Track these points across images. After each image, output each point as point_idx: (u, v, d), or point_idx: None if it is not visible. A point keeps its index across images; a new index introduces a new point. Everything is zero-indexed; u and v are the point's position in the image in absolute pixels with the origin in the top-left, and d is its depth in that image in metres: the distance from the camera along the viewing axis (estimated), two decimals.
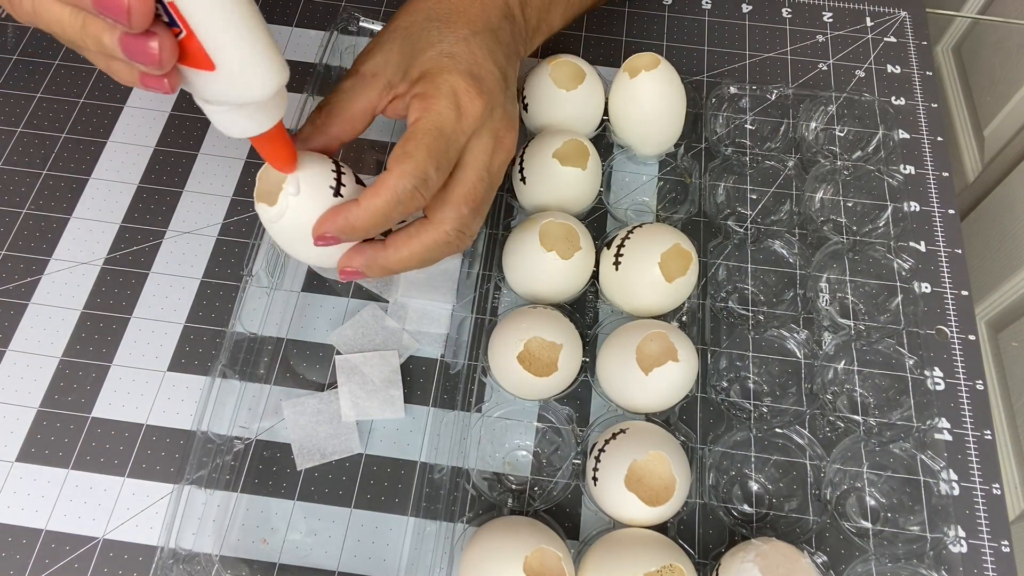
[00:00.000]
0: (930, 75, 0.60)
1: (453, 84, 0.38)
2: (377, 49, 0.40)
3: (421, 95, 0.38)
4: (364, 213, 0.36)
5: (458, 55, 0.40)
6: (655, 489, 0.42)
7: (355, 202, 0.37)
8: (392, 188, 0.36)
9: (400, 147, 0.37)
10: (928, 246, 0.53)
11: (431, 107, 0.38)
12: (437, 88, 0.38)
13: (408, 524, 0.43)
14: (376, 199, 0.36)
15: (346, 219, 0.37)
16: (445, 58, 0.39)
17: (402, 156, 0.36)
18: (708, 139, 0.55)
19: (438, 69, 0.39)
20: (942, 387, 0.48)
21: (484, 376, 0.47)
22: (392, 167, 0.36)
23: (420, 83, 0.39)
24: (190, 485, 0.41)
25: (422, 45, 0.40)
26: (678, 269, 0.45)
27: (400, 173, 0.36)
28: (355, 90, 0.40)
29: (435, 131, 0.37)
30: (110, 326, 0.48)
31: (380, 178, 0.37)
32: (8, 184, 0.53)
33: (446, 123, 0.38)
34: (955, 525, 0.43)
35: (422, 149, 0.37)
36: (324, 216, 0.37)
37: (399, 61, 0.40)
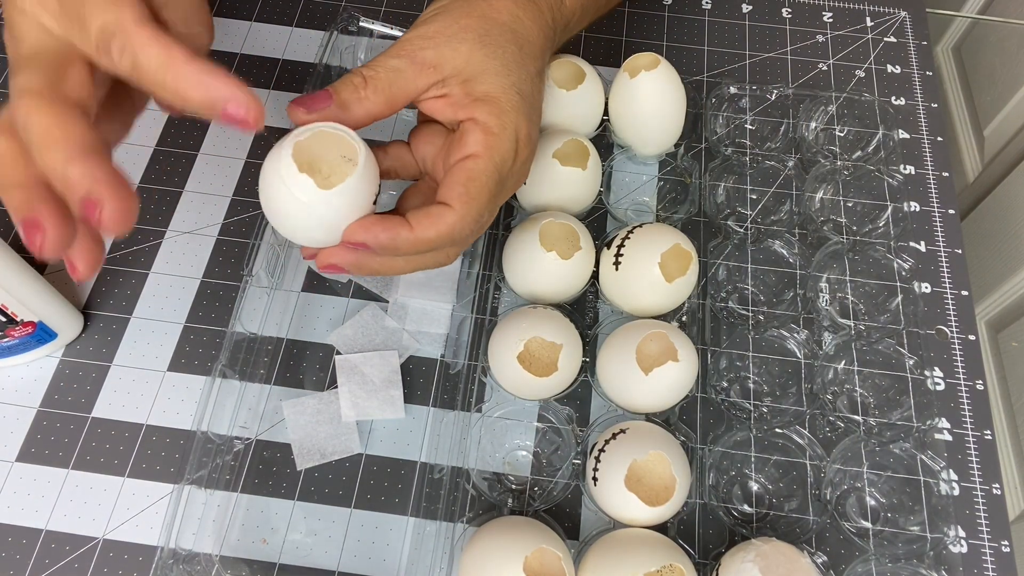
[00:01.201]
0: (930, 75, 0.60)
1: (517, 127, 0.37)
2: (443, 41, 0.38)
3: (485, 127, 0.37)
4: (415, 241, 0.35)
5: (526, 95, 0.38)
6: (655, 489, 0.42)
7: (406, 224, 0.35)
8: (451, 228, 0.35)
9: (463, 185, 0.36)
10: (928, 246, 0.53)
11: (496, 146, 0.36)
12: (504, 127, 0.37)
13: (408, 524, 0.43)
14: (431, 232, 0.35)
15: (394, 240, 0.35)
16: (516, 94, 0.38)
17: (466, 197, 0.35)
18: (708, 139, 0.55)
19: (508, 104, 0.37)
20: (942, 387, 0.48)
21: (484, 376, 0.47)
22: (456, 205, 0.35)
23: (483, 107, 0.37)
24: (190, 485, 0.41)
25: (496, 65, 0.38)
26: (678, 269, 0.45)
27: (464, 215, 0.35)
28: (406, 73, 0.37)
29: (497, 175, 0.36)
30: (110, 326, 0.48)
31: (438, 212, 0.35)
32: None
33: (506, 167, 0.37)
34: (955, 525, 0.43)
35: (486, 193, 0.36)
36: (367, 223, 0.35)
37: (465, 67, 0.38)
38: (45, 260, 0.30)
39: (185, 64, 0.30)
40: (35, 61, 0.31)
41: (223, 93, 0.30)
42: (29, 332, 0.44)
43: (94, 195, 0.28)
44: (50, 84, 0.30)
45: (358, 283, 0.50)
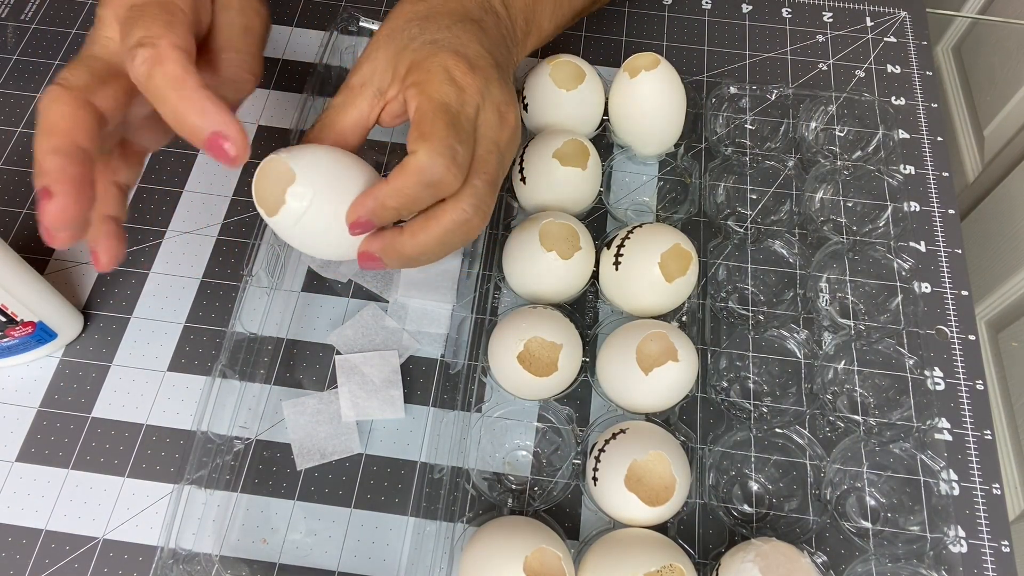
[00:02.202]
0: (930, 75, 0.60)
1: (443, 62, 0.38)
2: (364, 60, 0.41)
3: (415, 83, 0.38)
4: (394, 192, 0.36)
5: (441, 40, 0.40)
6: (655, 489, 0.42)
7: (384, 181, 0.36)
8: (420, 167, 0.35)
9: (415, 131, 0.36)
10: (928, 246, 0.53)
11: (428, 89, 0.37)
12: (428, 71, 0.38)
13: (408, 524, 0.43)
14: (405, 178, 0.36)
15: (377, 199, 0.36)
16: (429, 45, 0.39)
17: (421, 137, 0.36)
18: (708, 139, 0.55)
19: (424, 56, 0.39)
20: (942, 387, 0.48)
21: (484, 376, 0.47)
22: (415, 147, 0.36)
23: (410, 75, 0.39)
24: (190, 485, 0.41)
25: (404, 43, 0.40)
26: (678, 269, 0.45)
27: (428, 151, 0.35)
28: (345, 105, 0.40)
29: (442, 107, 0.37)
30: (110, 326, 0.48)
31: (406, 160, 0.36)
32: (8, 184, 0.53)
33: (449, 99, 0.37)
34: (955, 525, 0.43)
35: (439, 126, 0.36)
36: (356, 201, 0.37)
37: (385, 66, 0.40)
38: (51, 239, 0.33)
39: (194, 89, 0.32)
40: (88, 62, 0.35)
41: (219, 125, 0.32)
42: (29, 332, 0.44)
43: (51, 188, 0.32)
44: (86, 86, 0.34)
45: (358, 283, 0.50)
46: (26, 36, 0.59)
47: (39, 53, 0.59)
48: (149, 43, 0.32)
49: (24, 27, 0.60)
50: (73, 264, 0.50)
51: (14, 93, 0.57)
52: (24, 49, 0.59)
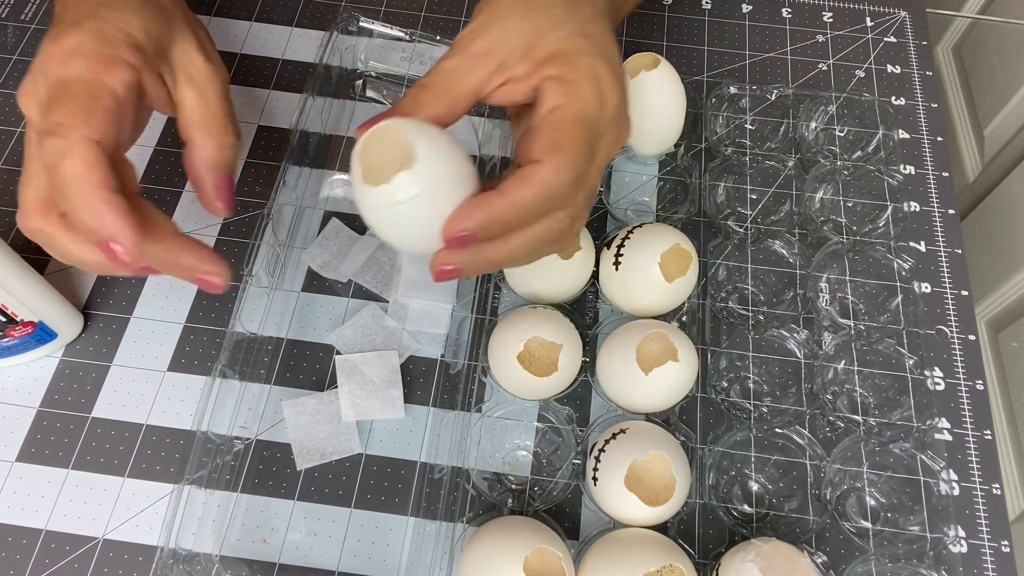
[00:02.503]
0: (930, 75, 0.60)
1: (595, 68, 0.35)
2: (490, 25, 0.36)
3: (559, 78, 0.34)
4: (512, 207, 0.33)
5: (593, 36, 0.36)
6: (655, 489, 0.42)
7: (498, 194, 0.33)
8: (545, 182, 0.32)
9: (548, 137, 0.33)
10: (928, 246, 0.53)
11: (576, 92, 0.34)
12: (578, 71, 0.34)
13: (408, 524, 0.43)
14: (527, 192, 0.32)
15: (489, 213, 0.32)
16: (580, 38, 0.35)
17: (555, 147, 0.33)
18: (708, 139, 0.55)
19: (575, 50, 0.35)
20: (942, 387, 0.48)
21: (484, 376, 0.47)
22: (544, 158, 0.33)
23: (552, 64, 0.35)
24: (190, 485, 0.41)
25: (548, 23, 0.36)
26: (678, 269, 0.45)
27: (557, 165, 0.33)
28: (461, 70, 0.35)
29: (584, 120, 0.34)
30: (110, 326, 0.48)
31: (528, 170, 0.33)
32: (9, 184, 0.53)
33: (592, 111, 0.34)
34: (955, 525, 0.43)
35: (577, 140, 0.33)
36: (462, 211, 0.33)
37: (519, 41, 0.35)
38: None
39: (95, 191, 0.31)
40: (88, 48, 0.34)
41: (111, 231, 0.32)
42: (29, 332, 0.44)
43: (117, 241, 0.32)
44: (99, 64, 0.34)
45: (358, 283, 0.50)
46: (26, 36, 0.59)
47: None
48: (61, 132, 0.31)
49: (24, 27, 0.60)
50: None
51: (14, 93, 0.57)
52: (24, 49, 0.59)
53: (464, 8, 0.62)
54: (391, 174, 0.32)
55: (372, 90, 0.57)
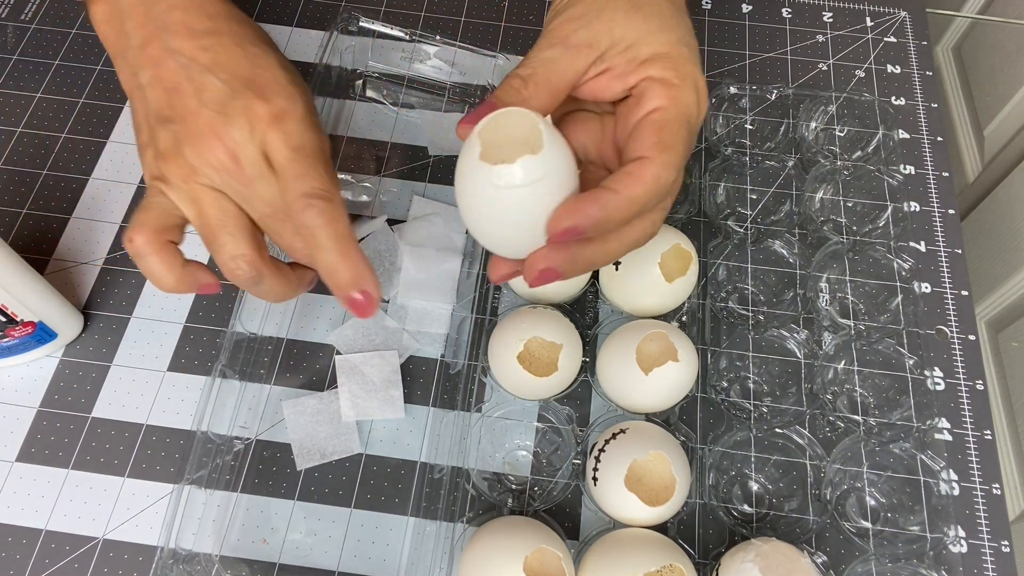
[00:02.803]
0: (930, 75, 0.60)
1: (696, 78, 0.35)
2: (593, 17, 0.36)
3: (664, 81, 0.35)
4: (625, 203, 0.32)
5: (694, 49, 0.37)
6: (655, 489, 0.42)
7: (610, 191, 0.32)
8: (656, 178, 0.33)
9: (656, 135, 0.33)
10: (928, 246, 0.53)
11: (679, 97, 0.34)
12: (683, 77, 0.35)
13: (408, 524, 0.43)
14: (638, 188, 0.32)
15: (604, 210, 0.32)
16: (684, 47, 0.36)
17: (661, 145, 0.33)
18: (708, 139, 0.55)
19: (680, 57, 0.35)
20: (942, 387, 0.48)
21: (484, 376, 0.47)
22: (652, 155, 0.33)
23: (655, 64, 0.35)
24: (190, 485, 0.41)
25: (655, 24, 0.36)
26: (678, 269, 0.45)
27: (664, 163, 0.33)
28: (562, 61, 0.35)
29: (686, 124, 0.34)
30: (110, 326, 0.48)
31: (637, 167, 0.33)
32: (8, 184, 0.53)
33: (692, 117, 0.35)
34: (955, 525, 0.43)
35: (681, 140, 0.34)
36: (573, 206, 0.32)
37: (623, 35, 0.35)
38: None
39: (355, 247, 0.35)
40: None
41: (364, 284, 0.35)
42: (29, 332, 0.44)
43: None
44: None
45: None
46: (26, 36, 0.59)
47: (39, 53, 0.59)
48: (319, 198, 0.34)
49: (24, 27, 0.60)
50: (73, 264, 0.50)
51: (14, 93, 0.57)
52: (24, 49, 0.59)
53: (464, 8, 0.62)
54: (514, 156, 0.31)
55: (372, 90, 0.57)
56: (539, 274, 0.34)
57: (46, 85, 0.57)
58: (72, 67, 0.58)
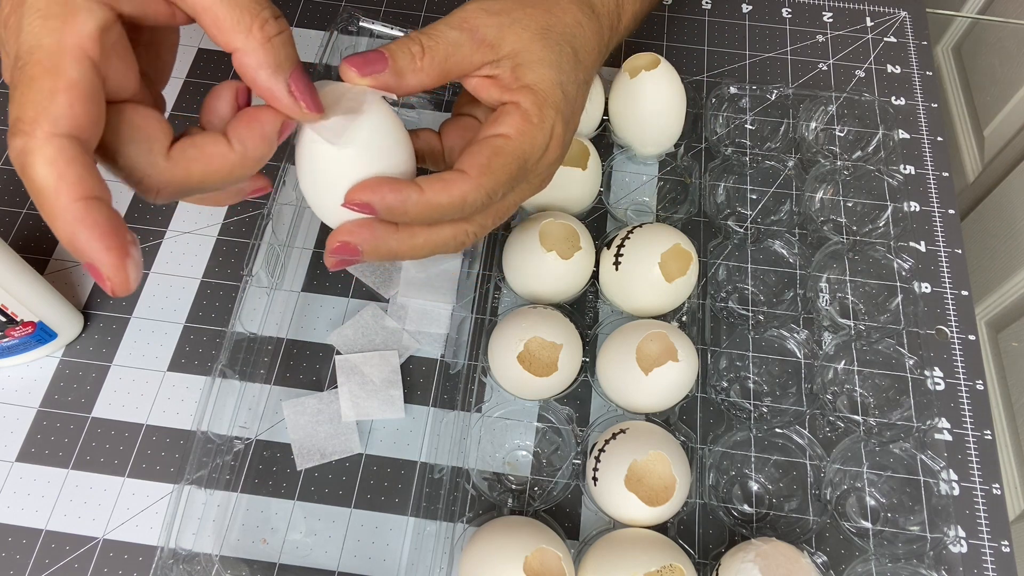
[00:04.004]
0: (930, 75, 0.60)
1: (555, 124, 0.37)
2: (507, 22, 0.36)
3: (525, 113, 0.36)
4: (424, 205, 0.33)
5: (570, 97, 0.38)
6: (655, 489, 0.42)
7: (416, 187, 0.33)
8: (463, 196, 0.34)
9: (486, 156, 0.34)
10: (928, 246, 0.53)
11: (529, 134, 0.35)
12: (543, 119, 0.36)
13: (408, 524, 0.43)
14: (443, 197, 0.33)
15: (402, 202, 0.33)
16: (561, 93, 0.37)
17: (485, 169, 0.34)
18: (708, 139, 0.55)
19: (552, 99, 0.36)
20: (942, 387, 0.48)
21: (484, 376, 0.47)
22: (472, 174, 0.34)
23: (528, 94, 0.36)
24: (190, 485, 0.41)
25: (551, 59, 0.37)
26: (678, 269, 0.45)
27: (479, 185, 0.34)
28: (464, 49, 0.35)
29: (522, 160, 0.35)
30: (110, 326, 0.48)
31: (452, 177, 0.34)
32: (8, 184, 0.53)
33: (532, 157, 0.36)
34: (955, 525, 0.43)
35: (506, 172, 0.35)
36: (373, 183, 0.33)
37: (522, 52, 0.36)
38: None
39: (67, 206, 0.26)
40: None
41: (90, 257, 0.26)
42: (29, 332, 0.44)
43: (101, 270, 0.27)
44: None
45: (358, 283, 0.50)
46: None
47: None
48: (23, 130, 0.26)
49: None
50: (73, 264, 0.50)
51: None
52: None
53: None
54: (333, 113, 0.32)
55: None
56: (339, 245, 0.34)
57: None
58: None
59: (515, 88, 0.36)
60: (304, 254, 0.51)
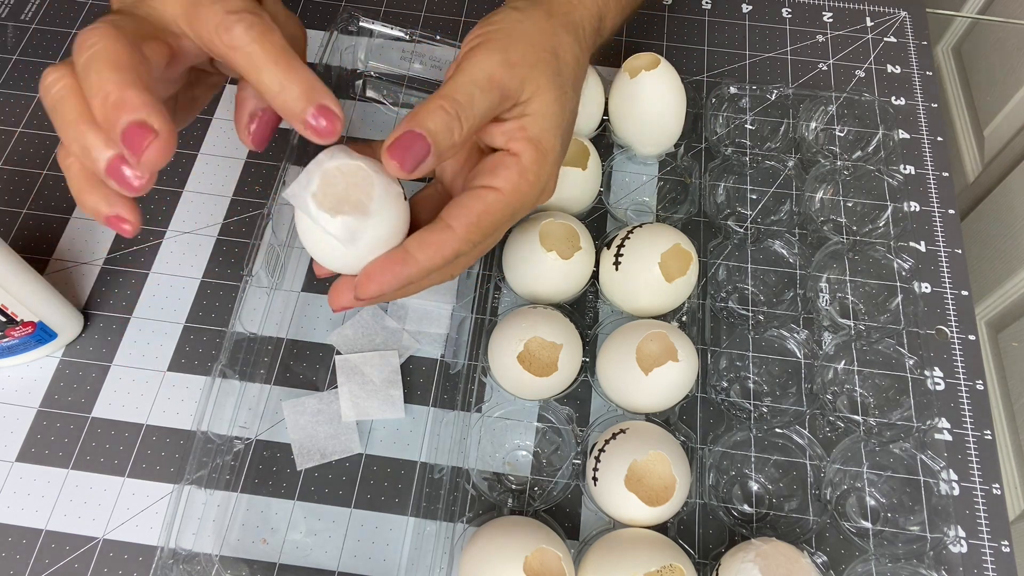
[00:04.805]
0: (930, 75, 0.60)
1: (549, 178, 0.37)
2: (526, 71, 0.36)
3: (522, 170, 0.36)
4: (420, 271, 0.34)
5: (565, 142, 0.38)
6: (655, 489, 0.42)
7: (413, 260, 0.34)
8: (455, 252, 0.35)
9: (476, 215, 0.35)
10: (928, 246, 0.53)
11: (524, 192, 0.36)
12: (539, 177, 0.36)
13: (408, 524, 0.43)
14: (437, 259, 0.34)
15: (398, 279, 0.34)
16: (560, 143, 0.38)
17: (475, 226, 0.35)
18: (708, 139, 0.55)
19: (552, 155, 0.37)
20: (942, 387, 0.48)
21: (484, 376, 0.47)
22: (460, 230, 0.34)
23: (530, 149, 0.36)
24: (190, 485, 0.41)
25: (555, 110, 0.37)
26: (678, 269, 0.45)
27: (467, 240, 0.35)
28: (494, 110, 0.36)
29: (511, 214, 0.36)
30: (110, 326, 0.48)
31: (443, 239, 0.34)
32: (8, 184, 0.53)
33: (522, 210, 0.37)
34: (955, 525, 0.43)
35: (494, 226, 0.36)
36: (374, 273, 0.34)
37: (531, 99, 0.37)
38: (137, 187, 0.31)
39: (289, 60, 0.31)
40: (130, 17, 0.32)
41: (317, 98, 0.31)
42: (29, 332, 0.44)
43: (151, 123, 0.29)
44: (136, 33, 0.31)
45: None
46: (26, 36, 0.59)
47: (39, 53, 0.59)
48: (239, 12, 0.31)
49: (24, 27, 0.60)
50: (73, 264, 0.50)
51: (14, 93, 0.57)
52: (24, 49, 0.59)
53: (464, 8, 0.62)
54: (343, 205, 0.33)
55: (372, 90, 0.57)
56: (340, 308, 0.37)
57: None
58: None
59: (519, 138, 0.36)
60: (304, 254, 0.51)
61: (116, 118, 0.29)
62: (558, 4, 0.40)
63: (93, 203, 0.32)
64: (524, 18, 0.38)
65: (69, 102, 0.31)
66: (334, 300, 0.37)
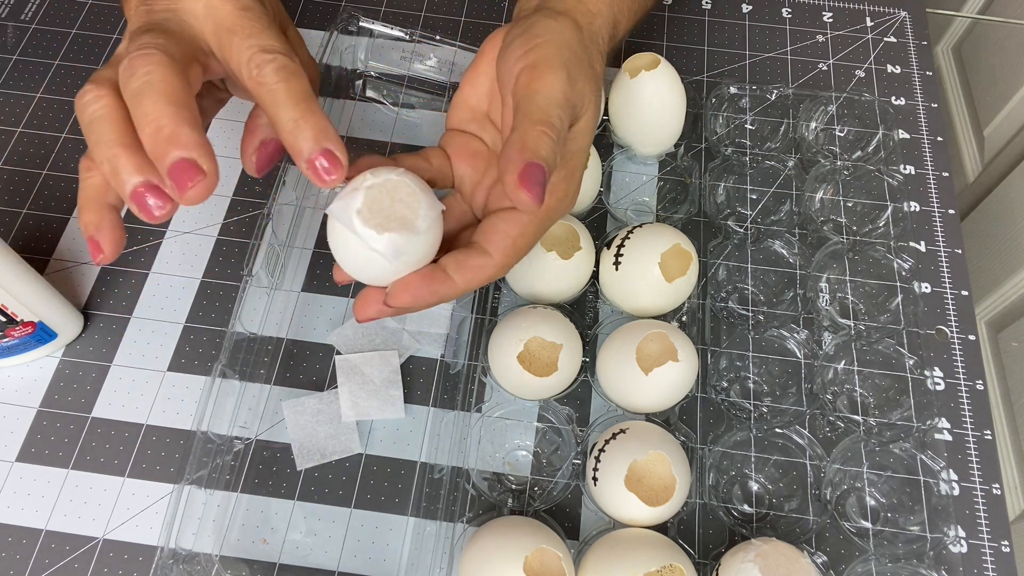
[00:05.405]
0: (930, 75, 0.60)
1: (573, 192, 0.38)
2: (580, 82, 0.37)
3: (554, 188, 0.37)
4: (457, 292, 0.35)
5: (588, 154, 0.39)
6: (655, 489, 0.42)
7: (448, 280, 0.35)
8: (492, 277, 0.36)
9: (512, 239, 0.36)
10: (928, 246, 0.53)
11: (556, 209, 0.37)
12: (567, 194, 0.37)
13: (408, 524, 0.43)
14: (474, 283, 0.36)
15: (435, 297, 0.35)
16: (586, 156, 0.38)
17: (512, 251, 0.36)
18: (708, 139, 0.55)
19: (579, 171, 0.38)
20: (942, 387, 0.48)
21: (484, 376, 0.47)
22: (497, 256, 0.35)
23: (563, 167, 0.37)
24: (190, 485, 0.41)
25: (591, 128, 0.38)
26: (678, 269, 0.45)
27: (504, 265, 0.36)
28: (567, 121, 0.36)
29: (542, 231, 0.37)
30: (110, 326, 0.48)
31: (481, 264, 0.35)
32: (8, 184, 0.53)
33: (549, 225, 0.38)
34: (955, 525, 0.43)
35: (528, 246, 0.37)
36: (410, 284, 0.35)
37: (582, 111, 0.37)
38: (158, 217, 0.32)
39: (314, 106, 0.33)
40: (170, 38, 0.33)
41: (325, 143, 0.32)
42: (29, 332, 0.44)
43: (201, 164, 0.31)
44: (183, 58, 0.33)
45: (358, 283, 0.50)
46: (26, 36, 0.59)
47: (39, 53, 0.59)
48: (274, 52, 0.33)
49: (24, 27, 0.60)
50: (73, 264, 0.50)
51: (14, 93, 0.57)
52: (24, 49, 0.59)
53: (464, 8, 0.62)
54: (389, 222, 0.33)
55: (372, 90, 0.57)
56: (366, 319, 0.37)
57: (46, 85, 0.57)
58: (72, 67, 0.58)
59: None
60: (304, 254, 0.51)
61: (166, 152, 0.30)
62: (581, 14, 0.40)
63: (87, 220, 0.33)
64: (562, 28, 0.38)
65: (108, 123, 0.32)
66: (361, 311, 0.37)
